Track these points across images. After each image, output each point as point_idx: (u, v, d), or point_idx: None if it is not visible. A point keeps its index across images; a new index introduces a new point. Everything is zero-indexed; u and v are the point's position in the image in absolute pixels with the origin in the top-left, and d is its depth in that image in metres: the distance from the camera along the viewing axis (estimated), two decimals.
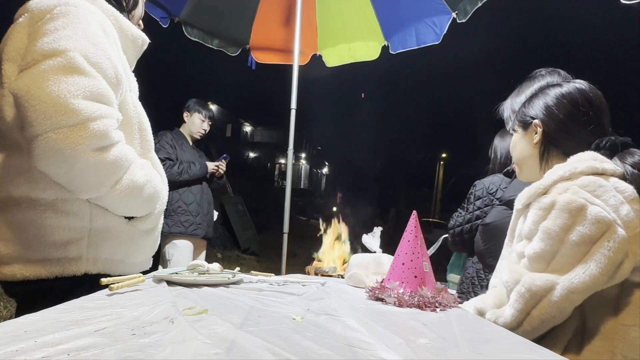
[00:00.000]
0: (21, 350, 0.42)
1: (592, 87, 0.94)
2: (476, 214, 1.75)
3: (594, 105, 0.92)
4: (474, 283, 1.75)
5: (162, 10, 2.70)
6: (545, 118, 0.95)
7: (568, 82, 0.97)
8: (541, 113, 0.96)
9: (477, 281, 1.75)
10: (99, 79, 0.85)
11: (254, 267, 6.45)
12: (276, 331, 0.56)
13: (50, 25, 0.83)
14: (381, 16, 2.80)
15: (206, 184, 2.74)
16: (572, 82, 0.97)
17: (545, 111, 0.95)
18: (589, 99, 0.92)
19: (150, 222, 1.04)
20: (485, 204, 1.75)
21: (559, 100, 0.94)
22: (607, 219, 0.76)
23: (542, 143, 0.96)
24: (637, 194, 0.81)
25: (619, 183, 0.82)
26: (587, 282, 0.75)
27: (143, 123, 1.04)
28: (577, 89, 0.94)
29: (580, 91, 0.93)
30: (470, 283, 1.77)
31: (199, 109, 2.70)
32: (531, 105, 0.99)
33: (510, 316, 0.81)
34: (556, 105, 0.94)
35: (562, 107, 0.93)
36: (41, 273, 0.88)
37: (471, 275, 1.78)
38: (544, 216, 0.82)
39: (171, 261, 2.51)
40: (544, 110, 0.95)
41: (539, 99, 0.98)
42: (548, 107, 0.95)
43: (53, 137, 0.78)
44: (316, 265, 1.47)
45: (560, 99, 0.94)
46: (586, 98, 0.92)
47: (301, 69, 2.61)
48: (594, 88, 0.94)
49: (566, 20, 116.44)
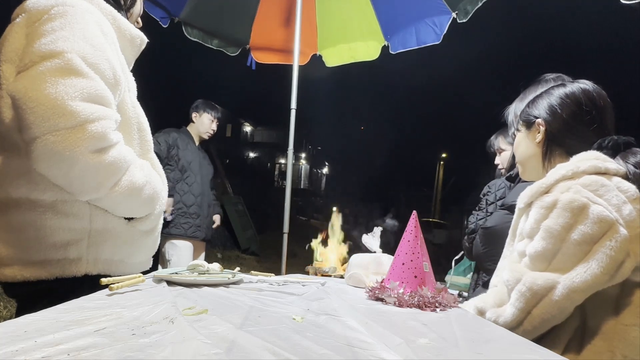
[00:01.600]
0: (21, 350, 0.42)
1: (596, 87, 0.94)
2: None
3: (597, 105, 0.92)
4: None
5: (162, 10, 2.70)
6: (548, 117, 0.95)
7: (572, 83, 0.97)
8: (544, 112, 0.96)
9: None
10: (97, 80, 0.85)
11: (254, 267, 6.45)
12: (276, 331, 0.56)
13: (48, 26, 0.83)
14: (381, 16, 2.80)
15: (207, 186, 2.74)
16: (576, 82, 0.97)
17: (548, 110, 0.96)
18: (592, 99, 0.92)
19: (150, 222, 1.04)
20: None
21: (563, 100, 0.94)
22: (609, 219, 0.76)
23: (545, 142, 0.96)
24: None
25: (622, 183, 0.82)
26: (589, 281, 0.74)
27: (142, 123, 1.03)
28: (581, 89, 0.94)
29: (584, 91, 0.93)
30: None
31: (208, 110, 2.71)
32: (535, 105, 0.99)
33: (511, 315, 0.81)
34: (559, 105, 0.94)
35: (566, 107, 0.93)
36: (41, 274, 0.88)
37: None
38: (545, 215, 0.82)
39: (171, 261, 2.51)
40: (548, 109, 0.96)
41: (542, 99, 0.98)
42: (551, 107, 0.95)
43: (51, 140, 0.77)
44: (316, 265, 1.47)
45: (564, 98, 0.94)
46: (589, 98, 0.92)
47: (301, 69, 2.61)
48: (598, 88, 0.94)
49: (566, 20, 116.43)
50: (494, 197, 1.81)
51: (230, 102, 23.73)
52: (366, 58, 2.96)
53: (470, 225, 1.82)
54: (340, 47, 3.03)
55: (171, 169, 2.55)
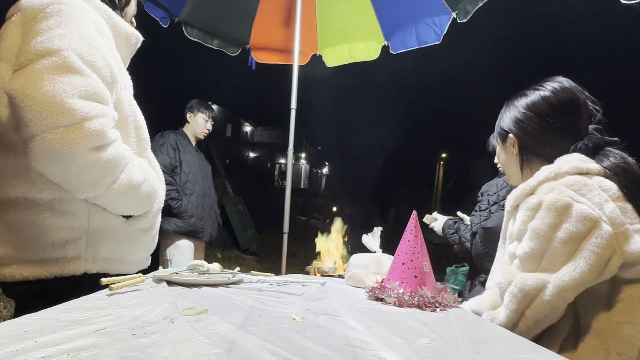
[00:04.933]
0: (21, 350, 0.42)
1: (559, 89, 0.92)
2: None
3: (563, 110, 0.91)
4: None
5: (162, 10, 2.69)
6: (518, 132, 0.96)
7: (533, 90, 0.95)
8: (513, 127, 0.97)
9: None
10: (94, 77, 0.85)
11: (254, 267, 6.45)
12: (276, 331, 0.56)
13: (44, 24, 0.83)
14: (381, 16, 2.80)
15: (208, 186, 2.74)
16: (539, 89, 0.95)
17: (516, 125, 0.96)
18: (553, 105, 0.91)
19: (148, 220, 1.04)
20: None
21: (526, 114, 0.94)
22: (593, 216, 0.77)
23: (521, 155, 0.97)
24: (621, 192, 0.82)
25: (604, 182, 0.83)
26: (577, 279, 0.75)
27: (139, 121, 1.03)
28: (542, 97, 0.93)
29: (544, 99, 0.92)
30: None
31: (202, 109, 2.71)
32: (504, 118, 1.00)
33: (505, 317, 0.82)
34: (524, 119, 0.94)
35: (530, 120, 0.93)
36: (40, 273, 0.88)
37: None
38: (531, 216, 0.83)
39: (172, 261, 2.51)
40: (515, 124, 0.96)
41: (510, 110, 0.98)
42: (518, 121, 0.96)
43: (49, 137, 0.77)
44: (316, 265, 1.47)
45: (527, 111, 0.94)
46: (550, 105, 0.91)
47: (301, 69, 2.60)
48: (563, 89, 0.92)
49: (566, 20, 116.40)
50: (496, 197, 1.82)
51: (230, 102, 23.76)
52: (366, 58, 2.96)
53: (474, 226, 1.83)
54: (340, 47, 3.03)
55: (177, 172, 2.54)
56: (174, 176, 2.50)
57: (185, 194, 2.52)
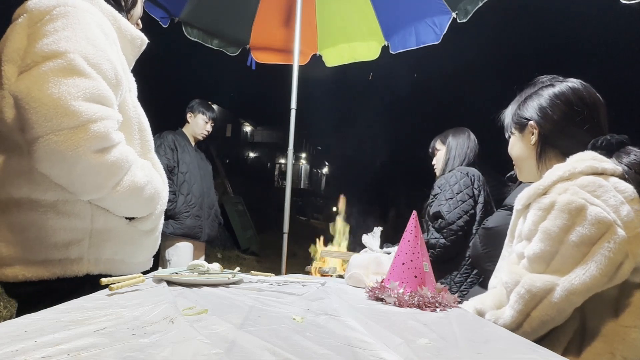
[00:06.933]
0: (21, 350, 0.42)
1: (585, 86, 0.94)
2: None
3: (588, 104, 0.92)
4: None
5: (162, 10, 2.70)
6: (540, 119, 0.95)
7: (561, 82, 0.97)
8: (536, 114, 0.96)
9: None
10: (99, 80, 0.85)
11: (254, 267, 6.45)
12: (276, 331, 0.56)
13: (50, 27, 0.83)
14: (381, 16, 2.80)
15: (208, 186, 2.74)
16: (565, 81, 0.96)
17: (539, 112, 0.95)
18: (582, 98, 0.92)
19: (150, 222, 1.04)
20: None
21: (553, 101, 0.94)
22: (607, 220, 0.75)
23: (539, 144, 0.96)
24: (637, 193, 0.81)
25: (619, 183, 0.81)
26: (587, 283, 0.74)
27: (143, 123, 1.04)
28: (570, 88, 0.93)
29: (573, 90, 0.93)
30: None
31: (203, 110, 2.70)
32: (526, 107, 0.99)
33: (510, 317, 0.81)
34: (550, 107, 0.94)
35: (556, 108, 0.93)
36: (43, 274, 0.88)
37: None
38: (543, 217, 0.81)
39: (171, 262, 2.51)
40: (539, 111, 0.96)
41: (533, 100, 0.98)
42: (542, 108, 0.95)
43: (54, 139, 0.78)
44: (316, 265, 1.47)
45: (554, 99, 0.94)
46: (580, 97, 0.92)
47: (301, 69, 2.61)
48: (588, 86, 0.94)
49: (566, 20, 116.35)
50: (458, 187, 1.88)
51: (230, 102, 23.74)
52: (366, 58, 2.96)
53: (454, 215, 1.85)
54: (340, 47, 3.03)
55: (175, 172, 2.54)
56: (171, 177, 2.50)
57: (181, 193, 2.52)
